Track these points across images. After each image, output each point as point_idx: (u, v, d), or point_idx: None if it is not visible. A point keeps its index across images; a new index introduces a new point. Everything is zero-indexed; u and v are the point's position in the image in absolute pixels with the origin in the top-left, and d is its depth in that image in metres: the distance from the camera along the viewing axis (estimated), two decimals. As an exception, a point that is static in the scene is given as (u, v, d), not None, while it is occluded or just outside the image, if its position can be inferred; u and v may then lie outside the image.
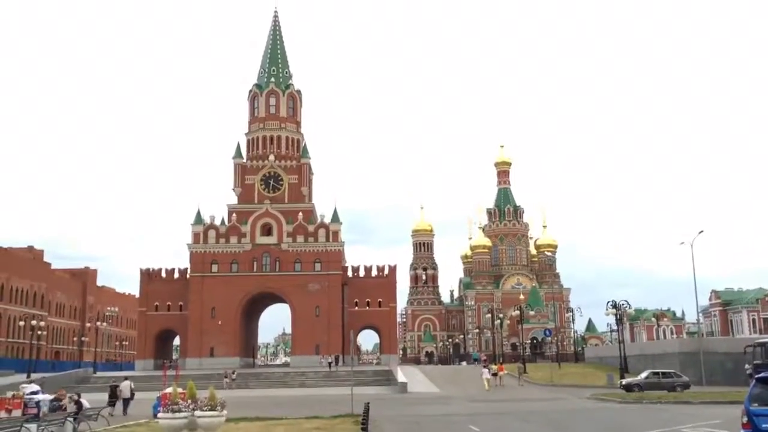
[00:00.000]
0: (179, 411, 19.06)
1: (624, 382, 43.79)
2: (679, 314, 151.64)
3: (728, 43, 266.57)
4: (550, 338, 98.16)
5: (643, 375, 43.73)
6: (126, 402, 34.02)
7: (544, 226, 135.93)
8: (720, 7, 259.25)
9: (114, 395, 34.08)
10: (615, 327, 64.94)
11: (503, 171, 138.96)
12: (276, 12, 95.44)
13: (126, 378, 36.26)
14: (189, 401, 19.34)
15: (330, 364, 68.45)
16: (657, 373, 43.55)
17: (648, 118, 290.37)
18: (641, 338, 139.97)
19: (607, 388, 44.93)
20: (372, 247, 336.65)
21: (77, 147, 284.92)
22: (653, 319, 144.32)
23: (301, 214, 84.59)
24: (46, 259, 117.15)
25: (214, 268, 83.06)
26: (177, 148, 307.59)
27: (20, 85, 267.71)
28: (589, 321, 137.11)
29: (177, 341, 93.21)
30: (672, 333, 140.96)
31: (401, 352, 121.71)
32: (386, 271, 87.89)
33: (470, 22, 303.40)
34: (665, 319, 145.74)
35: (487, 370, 52.07)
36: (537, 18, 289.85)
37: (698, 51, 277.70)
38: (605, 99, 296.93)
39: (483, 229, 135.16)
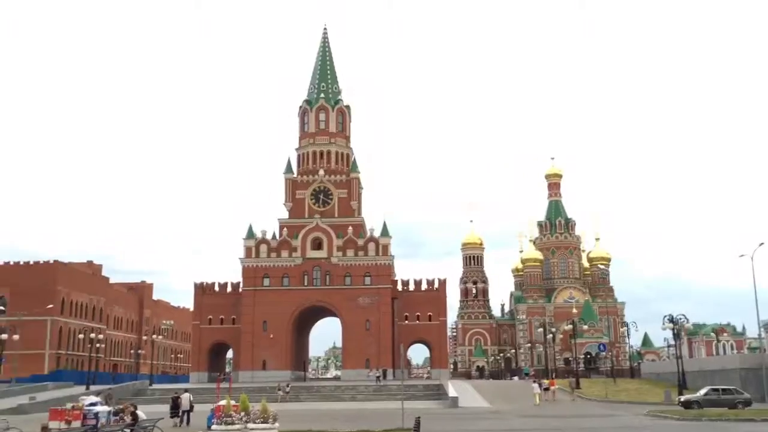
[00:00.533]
0: (232, 423, 19.44)
1: (682, 398, 42.60)
2: (739, 329, 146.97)
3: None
4: (604, 353, 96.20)
5: (702, 391, 42.47)
6: (186, 414, 34.82)
7: (597, 239, 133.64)
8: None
9: (176, 407, 34.99)
10: (672, 342, 63.37)
11: (554, 183, 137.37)
12: (325, 29, 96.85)
13: (186, 390, 37.10)
14: (242, 413, 19.68)
15: (377, 378, 67.96)
16: (717, 390, 42.21)
17: (705, 126, 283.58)
18: (700, 354, 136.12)
19: (664, 405, 43.72)
20: (421, 260, 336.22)
21: (134, 165, 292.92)
22: (712, 333, 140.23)
23: (350, 228, 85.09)
24: (104, 273, 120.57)
25: (266, 282, 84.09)
26: (230, 165, 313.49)
27: (97, 107, 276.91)
28: (645, 336, 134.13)
29: (230, 354, 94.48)
30: (732, 348, 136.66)
31: (452, 366, 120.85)
32: (436, 285, 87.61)
33: (521, 37, 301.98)
34: (725, 334, 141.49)
35: (537, 384, 51.67)
36: (585, 29, 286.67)
37: (761, 59, 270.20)
38: (659, 109, 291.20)
39: (534, 242, 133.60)
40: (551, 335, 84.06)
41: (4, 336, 59.53)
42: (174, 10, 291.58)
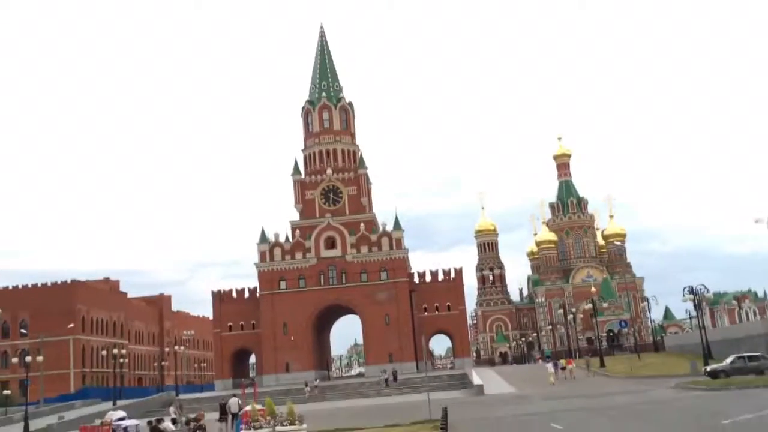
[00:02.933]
0: (260, 427, 19.47)
1: (708, 368, 42.33)
2: (761, 294, 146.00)
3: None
4: (626, 329, 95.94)
5: (729, 360, 42.15)
6: (234, 417, 34.94)
7: (611, 216, 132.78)
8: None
9: (224, 412, 35.26)
10: (694, 313, 63.00)
11: (563, 163, 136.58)
12: (322, 28, 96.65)
13: (234, 395, 37.47)
14: (269, 417, 19.72)
15: (386, 381, 59.43)
16: (743, 357, 41.87)
17: (720, 91, 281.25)
18: (723, 322, 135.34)
19: (691, 377, 43.45)
20: (434, 251, 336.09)
21: (141, 179, 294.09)
22: (734, 301, 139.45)
23: (362, 224, 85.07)
24: (122, 288, 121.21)
25: (282, 284, 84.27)
26: (237, 171, 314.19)
27: (102, 120, 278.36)
28: (666, 309, 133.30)
29: (253, 359, 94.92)
30: (755, 314, 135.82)
31: (474, 354, 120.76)
32: (452, 275, 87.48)
33: (525, 17, 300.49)
34: (746, 301, 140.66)
35: (551, 364, 52.50)
36: (591, 8, 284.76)
37: None
38: (669, 76, 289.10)
39: (547, 224, 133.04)
40: (572, 316, 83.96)
41: (29, 358, 60.02)
42: (173, 17, 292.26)
